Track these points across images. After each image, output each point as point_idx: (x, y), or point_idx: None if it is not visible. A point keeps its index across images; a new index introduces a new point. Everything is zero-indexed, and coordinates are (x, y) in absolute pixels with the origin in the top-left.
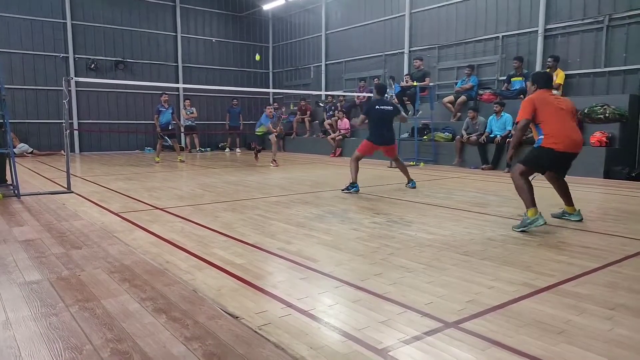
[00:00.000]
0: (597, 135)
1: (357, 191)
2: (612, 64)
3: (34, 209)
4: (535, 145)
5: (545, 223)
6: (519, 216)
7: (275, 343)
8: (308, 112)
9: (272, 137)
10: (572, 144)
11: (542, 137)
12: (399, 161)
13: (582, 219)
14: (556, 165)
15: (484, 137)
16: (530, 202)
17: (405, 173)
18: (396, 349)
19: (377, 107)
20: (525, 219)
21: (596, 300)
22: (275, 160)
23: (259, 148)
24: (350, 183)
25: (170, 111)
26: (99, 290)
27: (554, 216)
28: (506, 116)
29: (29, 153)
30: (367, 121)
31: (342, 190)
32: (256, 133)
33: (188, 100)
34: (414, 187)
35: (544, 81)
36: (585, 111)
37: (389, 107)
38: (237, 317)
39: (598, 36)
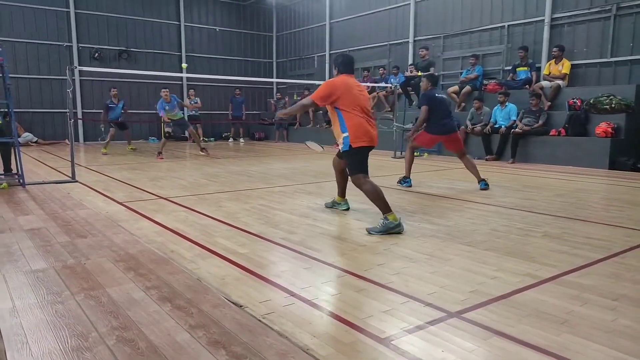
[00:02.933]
0: (602, 126)
1: (409, 186)
2: (619, 54)
3: (39, 198)
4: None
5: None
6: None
7: (278, 332)
8: None
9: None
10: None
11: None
12: (465, 157)
13: (349, 207)
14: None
15: (488, 127)
16: (387, 205)
17: (475, 172)
18: (399, 338)
19: (436, 95)
20: (387, 223)
21: (599, 290)
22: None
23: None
24: (403, 177)
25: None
26: (104, 278)
27: (327, 206)
28: (510, 106)
29: (34, 142)
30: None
31: (397, 182)
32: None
33: (192, 90)
34: (486, 188)
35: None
36: (591, 101)
37: (443, 97)
38: (241, 306)
39: (605, 25)
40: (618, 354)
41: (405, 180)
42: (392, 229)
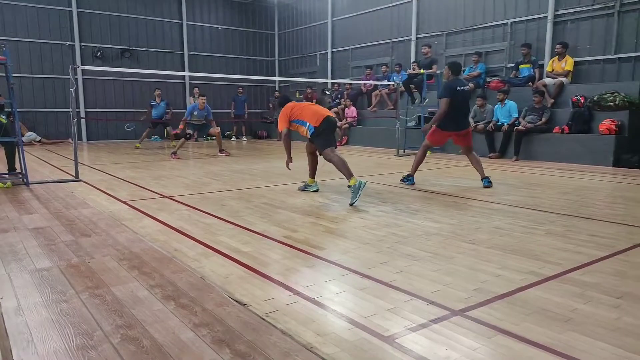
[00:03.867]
0: (606, 123)
1: (411, 184)
2: (623, 51)
3: (43, 197)
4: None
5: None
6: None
7: (282, 330)
8: (314, 100)
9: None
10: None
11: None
12: (472, 153)
13: (319, 189)
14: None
15: (491, 124)
16: (350, 172)
17: (479, 169)
18: (403, 337)
19: (458, 88)
20: (355, 187)
21: (603, 288)
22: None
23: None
24: (407, 175)
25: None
26: (108, 277)
27: (299, 189)
28: (510, 103)
29: (37, 141)
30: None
31: (400, 180)
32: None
33: (197, 89)
34: (489, 186)
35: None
36: (595, 98)
37: (467, 87)
38: (244, 304)
39: (608, 22)
40: (622, 351)
41: (408, 178)
42: (360, 189)
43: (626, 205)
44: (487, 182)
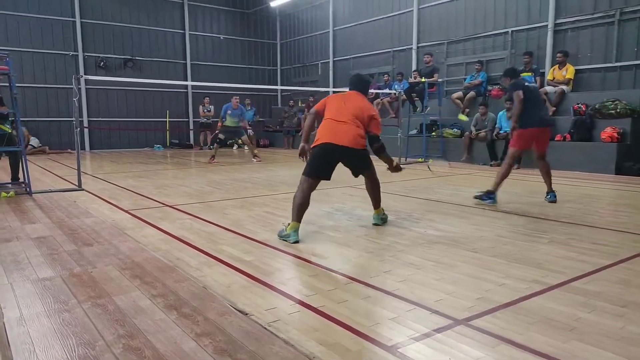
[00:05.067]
0: (608, 131)
1: (493, 203)
2: (624, 59)
3: (46, 206)
4: None
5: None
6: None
7: (285, 339)
8: None
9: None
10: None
11: None
12: (545, 160)
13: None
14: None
15: (495, 133)
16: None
17: (548, 180)
18: (406, 346)
19: (526, 83)
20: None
21: (607, 297)
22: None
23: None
24: (487, 191)
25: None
26: (110, 286)
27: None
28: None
29: (38, 147)
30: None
31: (474, 196)
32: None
33: (207, 98)
34: (554, 201)
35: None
36: (597, 106)
37: (535, 84)
38: (247, 314)
39: (609, 30)
40: None
41: (489, 196)
42: (283, 237)
43: (629, 213)
44: (553, 197)
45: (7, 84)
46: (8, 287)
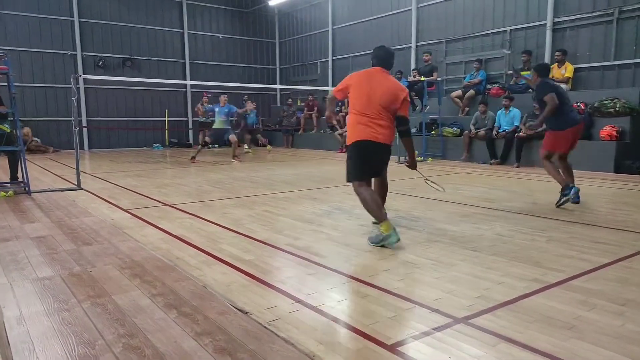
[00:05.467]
0: (607, 130)
1: (576, 193)
2: (622, 57)
3: (45, 205)
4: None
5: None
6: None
7: (284, 338)
8: (315, 108)
9: (232, 137)
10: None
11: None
12: (566, 160)
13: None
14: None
15: (495, 131)
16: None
17: (571, 177)
18: (405, 345)
19: (554, 83)
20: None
21: (607, 295)
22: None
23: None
24: (562, 190)
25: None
26: (110, 286)
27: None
28: (515, 111)
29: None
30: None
31: (558, 205)
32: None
33: (206, 97)
34: (577, 202)
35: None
36: (595, 105)
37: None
38: (246, 313)
39: (608, 29)
40: (626, 359)
41: (565, 193)
42: (382, 242)
43: (628, 212)
44: (577, 194)
45: (6, 84)
46: (8, 287)
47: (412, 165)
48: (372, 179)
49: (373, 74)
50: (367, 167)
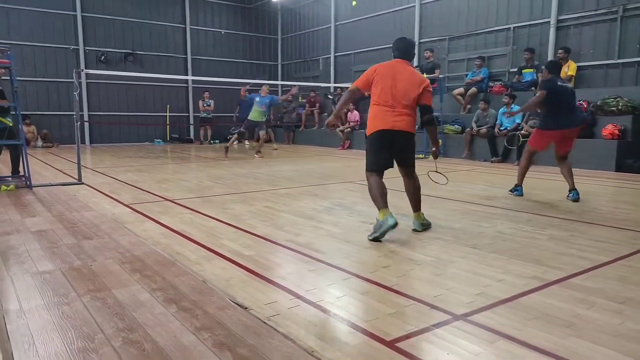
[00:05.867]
0: (609, 128)
1: (519, 195)
2: (626, 56)
3: (46, 200)
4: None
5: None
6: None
7: (284, 334)
8: (317, 105)
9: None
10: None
11: None
12: (566, 162)
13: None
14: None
15: (497, 129)
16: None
17: (570, 179)
18: (404, 341)
19: (558, 83)
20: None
21: (606, 294)
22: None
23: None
24: (515, 185)
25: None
26: (110, 280)
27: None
28: (516, 108)
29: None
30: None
31: (509, 190)
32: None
33: (207, 93)
34: (577, 200)
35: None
36: (598, 103)
37: (569, 86)
38: (246, 308)
39: (612, 27)
40: (625, 357)
41: (515, 189)
42: (381, 229)
43: (629, 210)
44: (576, 195)
45: (9, 78)
46: (8, 280)
47: (435, 154)
48: (402, 177)
49: (395, 65)
50: (382, 158)
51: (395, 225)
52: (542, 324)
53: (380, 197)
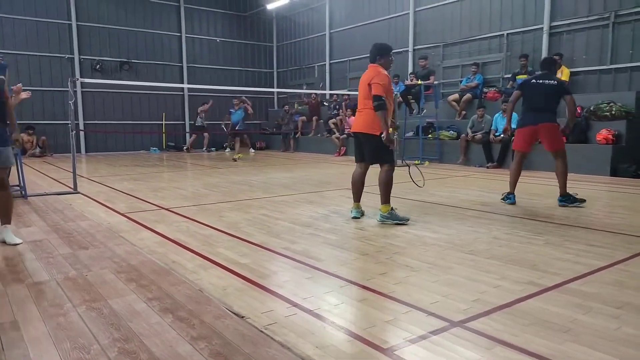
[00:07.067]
0: (603, 133)
1: (512, 203)
2: (618, 61)
3: (41, 209)
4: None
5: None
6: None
7: (281, 342)
8: (318, 107)
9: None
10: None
11: None
12: (559, 160)
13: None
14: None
15: (492, 135)
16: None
17: (562, 181)
18: (402, 348)
19: (533, 80)
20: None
21: (602, 298)
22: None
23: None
24: (507, 193)
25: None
26: (106, 290)
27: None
28: (513, 115)
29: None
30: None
31: (501, 199)
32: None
33: (206, 105)
34: (565, 205)
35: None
36: (592, 108)
37: (552, 82)
38: (242, 317)
39: (604, 33)
40: None
41: (508, 197)
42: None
43: (624, 215)
44: (562, 201)
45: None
46: (2, 291)
47: (386, 138)
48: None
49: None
50: (356, 152)
51: (353, 218)
52: (539, 329)
53: (352, 187)
